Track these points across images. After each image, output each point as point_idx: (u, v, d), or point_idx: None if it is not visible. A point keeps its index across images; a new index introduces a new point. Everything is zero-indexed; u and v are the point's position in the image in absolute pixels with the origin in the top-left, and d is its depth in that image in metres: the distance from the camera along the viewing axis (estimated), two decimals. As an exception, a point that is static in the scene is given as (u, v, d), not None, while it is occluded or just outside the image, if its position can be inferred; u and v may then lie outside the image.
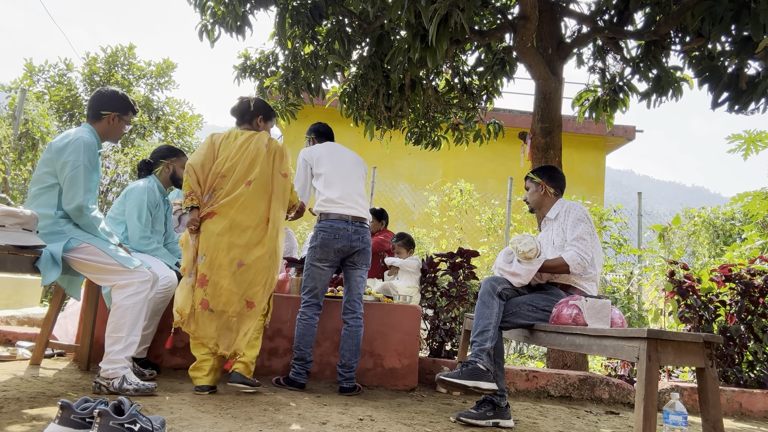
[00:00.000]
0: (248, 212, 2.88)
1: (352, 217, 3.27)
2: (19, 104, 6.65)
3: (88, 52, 12.60)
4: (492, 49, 5.42)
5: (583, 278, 2.86)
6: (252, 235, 2.87)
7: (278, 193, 2.98)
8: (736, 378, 4.16)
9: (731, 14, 3.67)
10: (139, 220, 3.22)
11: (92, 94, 2.84)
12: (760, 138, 6.40)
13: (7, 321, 4.14)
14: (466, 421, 2.68)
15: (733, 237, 8.25)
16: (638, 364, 2.05)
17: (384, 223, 5.36)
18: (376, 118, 5.57)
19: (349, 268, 3.34)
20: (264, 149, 3.00)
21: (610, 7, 4.71)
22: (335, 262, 3.29)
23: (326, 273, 3.26)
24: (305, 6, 4.68)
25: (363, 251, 3.31)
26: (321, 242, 3.22)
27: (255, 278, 2.85)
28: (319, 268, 3.24)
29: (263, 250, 2.88)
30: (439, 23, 3.44)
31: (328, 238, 3.22)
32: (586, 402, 3.83)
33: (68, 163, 2.56)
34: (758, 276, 4.29)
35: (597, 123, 5.35)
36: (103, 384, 2.50)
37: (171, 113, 12.62)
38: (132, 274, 2.61)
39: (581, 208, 2.93)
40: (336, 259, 3.27)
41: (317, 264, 3.24)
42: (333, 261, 3.26)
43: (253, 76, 5.53)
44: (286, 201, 3.03)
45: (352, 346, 3.24)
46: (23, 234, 2.38)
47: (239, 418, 2.32)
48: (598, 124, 5.47)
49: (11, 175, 6.41)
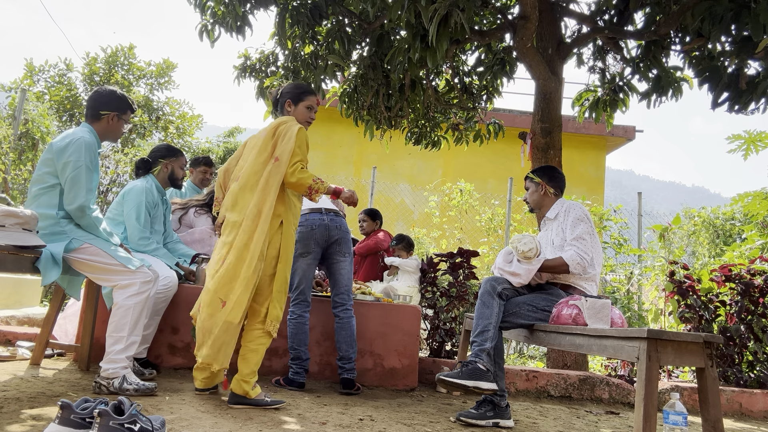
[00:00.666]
0: (236, 208, 2.66)
1: (324, 208, 3.35)
2: (19, 104, 6.65)
3: (88, 52, 12.61)
4: (492, 49, 5.42)
5: (583, 278, 2.86)
6: (240, 232, 2.59)
7: (264, 181, 2.63)
8: (736, 378, 4.15)
9: (731, 14, 3.68)
10: (137, 220, 3.22)
11: (90, 93, 2.83)
12: (760, 138, 6.40)
13: (7, 321, 4.14)
14: (466, 421, 2.68)
15: (733, 237, 8.26)
16: (638, 364, 2.05)
17: (378, 222, 5.36)
18: (376, 118, 5.57)
19: (332, 262, 3.35)
20: (263, 137, 2.74)
21: (610, 7, 4.71)
22: (317, 254, 3.31)
23: (311, 267, 3.29)
24: (305, 6, 4.68)
25: (342, 239, 3.34)
26: (300, 236, 3.25)
27: (233, 274, 2.54)
28: (302, 262, 3.26)
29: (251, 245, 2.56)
30: (439, 23, 3.44)
31: (306, 230, 3.26)
32: (586, 402, 3.83)
33: (70, 164, 2.56)
34: (758, 276, 4.29)
35: (597, 123, 5.35)
36: (103, 384, 2.50)
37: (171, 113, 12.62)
38: (134, 274, 2.61)
39: (581, 208, 2.93)
40: (317, 249, 3.30)
41: (300, 259, 3.26)
42: (315, 252, 3.29)
43: (253, 76, 5.53)
44: (272, 189, 2.61)
45: (346, 338, 3.26)
46: (23, 234, 2.38)
47: (239, 418, 2.31)
48: (598, 124, 5.47)
49: (11, 175, 6.41)
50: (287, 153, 2.63)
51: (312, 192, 2.63)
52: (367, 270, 5.16)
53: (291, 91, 2.92)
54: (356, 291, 3.83)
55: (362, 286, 3.99)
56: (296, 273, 3.26)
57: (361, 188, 10.64)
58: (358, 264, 5.24)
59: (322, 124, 10.54)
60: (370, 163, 9.65)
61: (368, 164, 10.18)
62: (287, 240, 2.69)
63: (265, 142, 2.72)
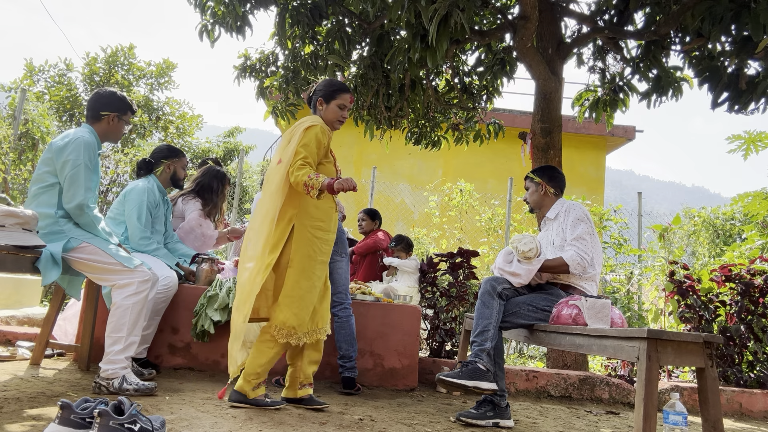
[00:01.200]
0: (257, 216, 2.63)
1: None
2: (19, 104, 6.65)
3: (88, 52, 12.60)
4: (492, 49, 5.42)
5: (583, 278, 2.86)
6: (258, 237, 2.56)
7: (274, 186, 2.55)
8: (736, 378, 4.15)
9: (731, 14, 3.68)
10: (138, 220, 3.22)
11: (91, 95, 2.84)
12: (760, 138, 6.40)
13: (7, 321, 4.14)
14: (466, 421, 2.68)
15: (733, 237, 8.26)
16: (638, 364, 2.05)
17: (377, 222, 5.36)
18: (376, 118, 5.57)
19: (330, 261, 3.32)
20: (282, 141, 2.68)
21: (610, 7, 4.71)
22: None
23: None
24: (305, 6, 4.68)
25: (338, 239, 3.32)
26: None
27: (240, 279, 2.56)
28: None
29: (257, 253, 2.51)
30: (439, 23, 3.44)
31: None
32: (586, 402, 3.83)
33: (69, 162, 2.57)
34: (758, 276, 4.29)
35: (597, 123, 5.35)
36: (103, 384, 2.50)
37: (171, 113, 12.63)
38: (132, 273, 2.60)
39: (581, 208, 2.93)
40: None
41: None
42: None
43: (253, 76, 5.53)
44: (279, 193, 2.52)
45: (346, 336, 3.26)
46: (23, 234, 2.38)
47: (239, 418, 2.31)
48: (598, 124, 5.47)
49: (11, 175, 6.41)
50: (290, 154, 2.53)
51: (309, 189, 2.40)
52: (366, 270, 5.16)
53: (324, 88, 2.75)
54: (356, 291, 3.83)
55: (362, 286, 3.99)
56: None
57: (361, 188, 10.66)
58: (358, 264, 5.24)
59: (322, 124, 10.44)
60: (370, 163, 9.65)
61: (368, 164, 10.18)
62: (300, 244, 2.54)
63: (282, 146, 2.65)
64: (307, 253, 2.56)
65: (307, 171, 2.45)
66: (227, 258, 5.54)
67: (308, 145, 2.53)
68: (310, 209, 2.59)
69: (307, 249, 2.56)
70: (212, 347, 3.42)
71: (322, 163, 2.63)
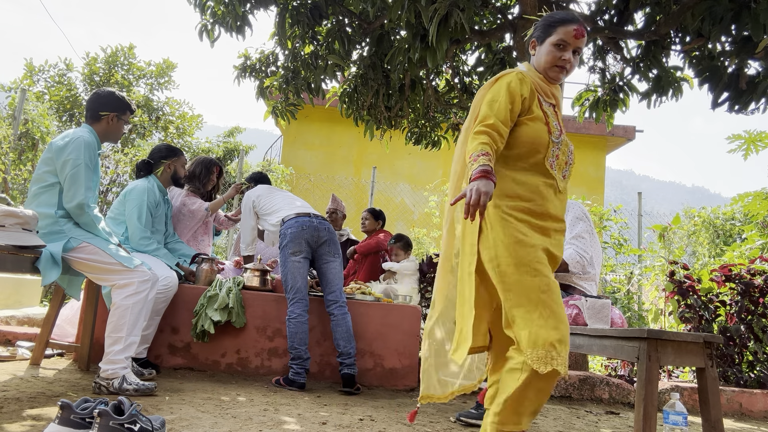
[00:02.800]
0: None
1: (311, 213, 3.47)
2: (19, 104, 6.65)
3: (88, 52, 12.59)
4: (492, 49, 5.42)
5: (582, 278, 2.86)
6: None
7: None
8: (736, 378, 4.15)
9: (731, 14, 3.67)
10: (139, 220, 3.22)
11: (90, 95, 2.84)
12: (760, 138, 6.39)
13: (7, 321, 4.14)
14: (466, 421, 2.68)
15: (733, 237, 8.25)
16: (638, 364, 2.05)
17: (381, 222, 5.36)
18: (376, 118, 5.57)
19: (323, 263, 3.44)
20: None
21: (610, 7, 4.70)
22: (308, 253, 3.38)
23: (303, 266, 3.34)
24: (305, 6, 4.68)
25: (331, 240, 3.45)
26: (291, 237, 3.32)
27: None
28: (295, 261, 3.31)
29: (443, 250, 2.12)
30: (439, 23, 3.44)
31: (296, 231, 3.33)
32: (586, 402, 3.83)
33: (69, 161, 2.57)
34: (758, 276, 4.29)
35: (597, 123, 5.34)
36: (103, 384, 2.50)
37: (171, 113, 12.61)
38: (132, 273, 2.61)
39: (580, 207, 2.94)
40: (308, 249, 3.37)
41: (293, 258, 3.31)
42: (306, 252, 3.36)
43: (253, 76, 5.53)
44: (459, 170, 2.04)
45: (343, 333, 3.30)
46: (23, 234, 2.38)
47: (239, 418, 2.31)
48: (598, 124, 5.46)
49: (11, 175, 6.41)
50: (470, 120, 1.98)
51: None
52: (367, 270, 5.15)
53: (540, 26, 2.01)
54: (356, 291, 3.83)
55: (362, 286, 3.99)
56: (292, 273, 3.30)
57: (361, 188, 10.65)
58: (359, 264, 5.23)
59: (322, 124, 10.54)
60: (370, 163, 9.65)
61: (368, 164, 10.18)
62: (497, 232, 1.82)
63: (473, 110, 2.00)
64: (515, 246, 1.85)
65: (480, 143, 1.76)
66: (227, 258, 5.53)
67: (492, 102, 1.86)
68: (519, 186, 1.90)
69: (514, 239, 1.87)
70: (212, 347, 3.42)
71: (524, 122, 1.91)
